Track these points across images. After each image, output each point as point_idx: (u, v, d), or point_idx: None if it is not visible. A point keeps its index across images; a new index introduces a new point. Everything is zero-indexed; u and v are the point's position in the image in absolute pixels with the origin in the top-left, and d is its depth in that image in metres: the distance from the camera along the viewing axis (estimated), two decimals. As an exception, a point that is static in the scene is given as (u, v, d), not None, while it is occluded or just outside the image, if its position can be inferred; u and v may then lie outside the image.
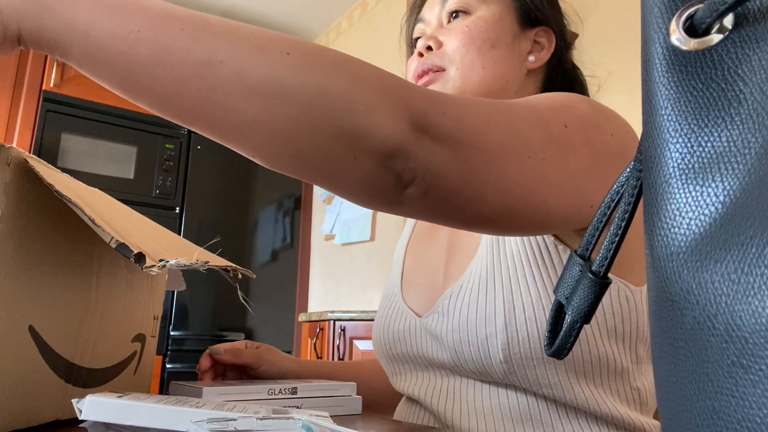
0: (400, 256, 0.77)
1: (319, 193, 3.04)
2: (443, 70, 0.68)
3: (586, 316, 0.27)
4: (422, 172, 0.37)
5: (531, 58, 0.71)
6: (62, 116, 2.45)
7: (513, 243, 0.58)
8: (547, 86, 0.73)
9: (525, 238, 0.57)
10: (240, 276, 0.53)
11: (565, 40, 0.74)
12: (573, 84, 0.75)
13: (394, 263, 0.79)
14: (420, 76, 0.69)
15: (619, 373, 0.56)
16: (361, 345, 2.05)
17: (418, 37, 0.74)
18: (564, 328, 0.28)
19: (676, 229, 0.18)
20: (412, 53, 0.77)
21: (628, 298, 0.56)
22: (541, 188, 0.42)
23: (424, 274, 0.70)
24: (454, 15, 0.70)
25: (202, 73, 0.34)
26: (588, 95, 0.76)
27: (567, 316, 0.28)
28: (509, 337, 0.53)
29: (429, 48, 0.69)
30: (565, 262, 0.53)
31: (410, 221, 0.83)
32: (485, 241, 0.61)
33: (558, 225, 0.46)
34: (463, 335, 0.57)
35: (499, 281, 0.56)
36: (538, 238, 0.56)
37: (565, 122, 0.45)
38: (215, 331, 2.62)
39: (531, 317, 0.54)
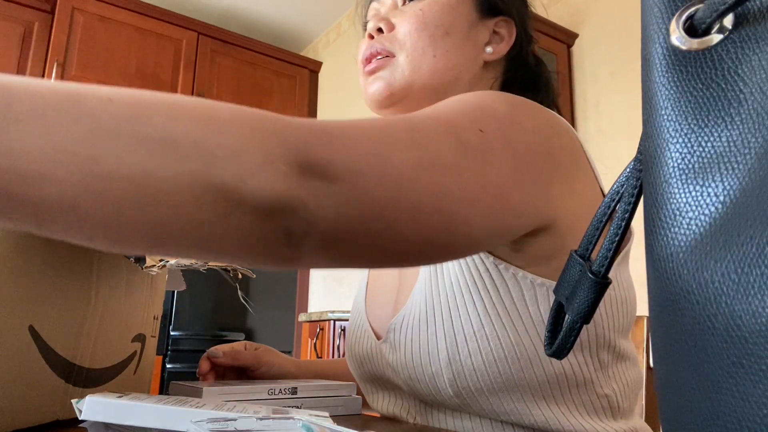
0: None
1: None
2: (393, 56, 0.64)
3: (587, 316, 0.27)
4: (317, 220, 0.31)
5: (488, 49, 0.66)
6: (62, 116, 2.45)
7: (450, 268, 0.54)
8: (506, 80, 0.69)
9: (461, 262, 0.53)
10: (240, 276, 0.53)
11: (527, 32, 0.70)
12: (537, 80, 0.71)
13: (361, 274, 0.75)
14: (367, 61, 0.65)
15: (582, 384, 0.53)
16: (361, 345, 2.05)
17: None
18: (564, 329, 0.28)
19: (676, 229, 0.18)
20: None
21: None
22: (460, 208, 0.37)
23: (383, 292, 0.67)
24: None
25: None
26: (553, 93, 0.72)
27: (567, 317, 0.28)
28: (455, 373, 0.51)
29: (380, 30, 0.65)
30: (507, 281, 0.51)
31: None
32: (423, 266, 0.57)
33: (484, 244, 0.42)
34: (411, 372, 0.55)
35: (439, 312, 0.53)
36: (476, 260, 0.52)
37: (479, 126, 0.41)
38: (215, 331, 2.62)
39: (475, 349, 0.51)
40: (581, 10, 2.16)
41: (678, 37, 0.19)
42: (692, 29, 0.19)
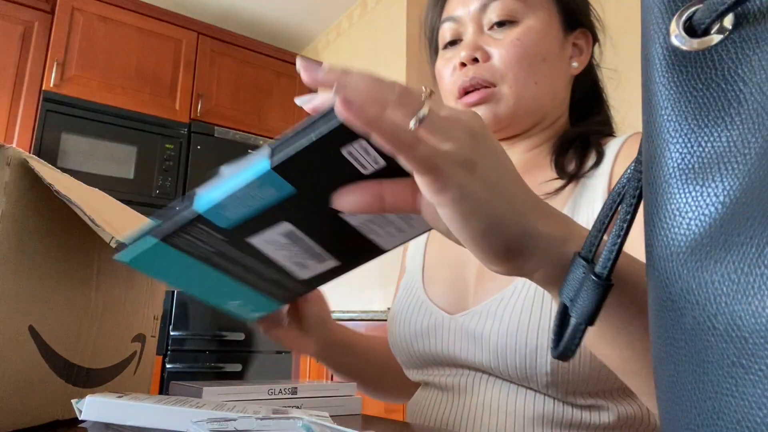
0: (419, 247, 0.75)
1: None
2: (493, 86, 0.64)
3: (590, 318, 0.27)
4: None
5: (574, 63, 0.68)
6: (62, 116, 2.45)
7: None
8: (574, 88, 0.71)
9: None
10: (240, 276, 0.53)
11: (596, 41, 0.72)
12: (597, 86, 0.74)
13: (412, 254, 0.75)
14: (466, 91, 0.65)
15: None
16: (361, 345, 2.05)
17: (453, 41, 0.69)
18: (568, 331, 0.28)
19: (676, 229, 0.18)
20: (435, 49, 0.73)
21: None
22: None
23: (451, 267, 0.67)
24: (499, 24, 0.65)
25: None
26: (604, 94, 0.74)
27: (571, 318, 0.28)
28: None
29: (475, 60, 0.64)
30: None
31: None
32: None
33: None
34: (510, 340, 0.55)
35: None
36: None
37: None
38: (215, 331, 2.62)
39: None
40: (581, 10, 2.16)
41: (678, 37, 0.19)
42: (692, 29, 0.19)
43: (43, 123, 2.40)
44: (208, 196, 0.32)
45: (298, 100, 0.34)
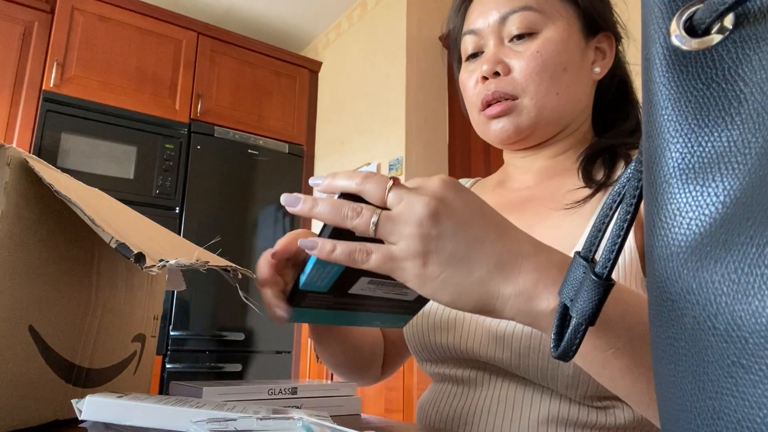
0: None
1: (318, 193, 3.04)
2: (515, 98, 0.64)
3: (591, 318, 0.27)
4: None
5: (596, 69, 0.68)
6: (62, 116, 2.45)
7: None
8: (601, 91, 0.71)
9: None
10: (240, 276, 0.53)
11: (620, 41, 0.71)
12: (624, 86, 0.73)
13: None
14: (488, 104, 0.66)
15: None
16: (361, 345, 2.04)
17: (475, 53, 0.69)
18: (569, 331, 0.28)
19: (676, 229, 0.18)
20: (459, 59, 0.73)
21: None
22: None
23: None
24: (518, 36, 0.65)
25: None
26: (634, 91, 0.74)
27: (572, 319, 0.28)
28: None
29: (496, 73, 0.65)
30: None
31: None
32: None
33: None
34: (534, 342, 0.55)
35: None
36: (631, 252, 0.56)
37: None
38: (215, 331, 2.62)
39: None
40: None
41: (678, 37, 0.19)
42: (692, 29, 0.19)
43: (43, 123, 2.40)
44: (302, 277, 0.45)
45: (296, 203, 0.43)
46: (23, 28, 2.51)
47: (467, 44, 0.70)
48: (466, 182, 0.84)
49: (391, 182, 0.39)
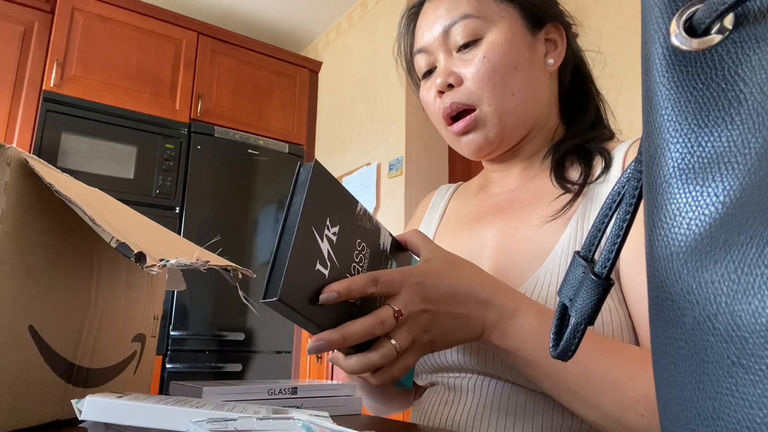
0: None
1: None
2: (474, 108, 0.64)
3: (590, 317, 0.27)
4: None
5: (549, 60, 0.67)
6: (62, 116, 2.45)
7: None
8: (560, 81, 0.71)
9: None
10: (240, 276, 0.53)
11: (569, 28, 0.71)
12: (581, 73, 0.73)
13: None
14: (451, 117, 0.66)
15: None
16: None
17: (429, 70, 0.69)
18: (568, 330, 0.28)
19: (676, 229, 0.18)
20: (417, 80, 0.74)
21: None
22: None
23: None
24: (464, 45, 0.65)
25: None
26: (596, 87, 0.74)
27: (571, 318, 0.28)
28: None
29: (450, 85, 0.65)
30: None
31: (436, 208, 0.81)
32: (561, 245, 0.59)
33: None
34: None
35: None
36: None
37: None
38: (215, 331, 2.62)
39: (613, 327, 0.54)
40: (581, 11, 2.16)
41: (678, 37, 0.19)
42: (692, 29, 0.19)
43: (43, 123, 2.40)
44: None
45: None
46: (23, 28, 2.51)
47: (420, 62, 0.70)
48: (447, 188, 0.84)
49: (397, 316, 0.48)
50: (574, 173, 0.64)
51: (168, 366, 2.46)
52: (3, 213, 0.39)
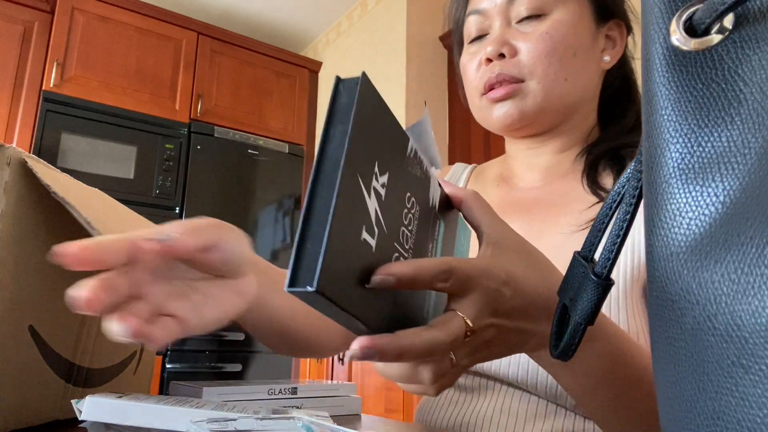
0: None
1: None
2: (521, 81, 0.61)
3: (590, 317, 0.27)
4: None
5: (606, 57, 0.65)
6: (62, 116, 2.45)
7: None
8: (605, 84, 0.68)
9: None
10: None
11: (630, 32, 0.68)
12: (628, 81, 0.70)
13: None
14: (492, 87, 0.62)
15: None
16: (361, 345, 2.04)
17: (479, 35, 0.66)
18: (568, 330, 0.28)
19: (676, 229, 0.18)
20: (460, 43, 0.70)
21: None
22: None
23: None
24: (527, 17, 0.62)
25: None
26: (637, 87, 0.71)
27: (571, 318, 0.28)
28: None
29: (501, 55, 0.62)
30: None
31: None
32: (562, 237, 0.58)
33: None
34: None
35: (606, 309, 0.53)
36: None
37: None
38: (215, 331, 2.62)
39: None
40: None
41: (678, 37, 0.19)
42: (692, 29, 0.19)
43: (43, 123, 2.40)
44: None
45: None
46: (23, 28, 2.51)
47: (471, 25, 0.67)
48: (464, 167, 0.80)
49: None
50: (607, 179, 0.62)
51: (168, 366, 2.46)
52: (3, 213, 0.39)
